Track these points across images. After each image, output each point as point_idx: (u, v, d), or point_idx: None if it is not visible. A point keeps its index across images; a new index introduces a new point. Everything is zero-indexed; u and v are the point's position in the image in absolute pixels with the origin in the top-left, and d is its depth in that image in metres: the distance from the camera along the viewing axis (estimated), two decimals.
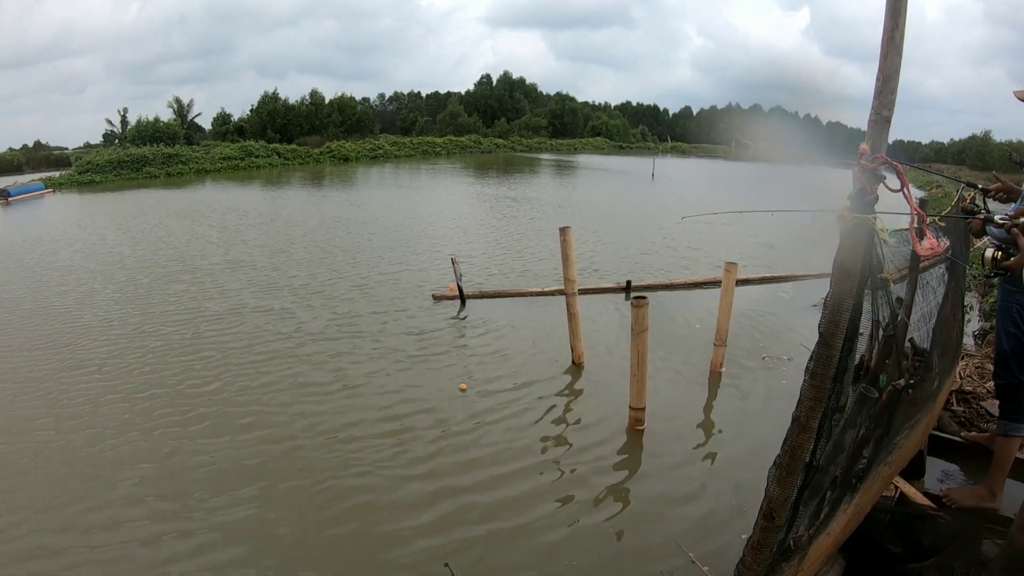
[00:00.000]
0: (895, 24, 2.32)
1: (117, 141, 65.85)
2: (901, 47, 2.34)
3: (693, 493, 6.40)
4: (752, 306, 12.47)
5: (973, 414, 6.79)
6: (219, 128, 75.21)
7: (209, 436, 7.48)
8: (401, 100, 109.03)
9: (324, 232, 21.30)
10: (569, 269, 9.24)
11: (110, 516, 5.99)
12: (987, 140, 76.40)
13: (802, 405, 2.73)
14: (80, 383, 8.97)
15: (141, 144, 53.44)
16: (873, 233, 2.57)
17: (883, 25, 2.34)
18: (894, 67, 2.35)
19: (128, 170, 44.50)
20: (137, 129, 61.16)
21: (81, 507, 6.12)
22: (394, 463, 6.90)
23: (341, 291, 13.81)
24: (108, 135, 71.27)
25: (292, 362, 9.73)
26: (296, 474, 6.67)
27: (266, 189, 36.84)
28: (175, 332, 11.09)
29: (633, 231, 21.84)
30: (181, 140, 60.50)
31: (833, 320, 2.57)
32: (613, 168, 57.67)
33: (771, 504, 2.83)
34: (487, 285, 14.17)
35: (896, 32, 2.32)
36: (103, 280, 14.86)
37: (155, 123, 62.38)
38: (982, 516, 4.66)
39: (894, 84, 2.37)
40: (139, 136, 58.60)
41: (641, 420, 7.60)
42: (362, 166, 56.21)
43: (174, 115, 71.44)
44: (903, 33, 2.32)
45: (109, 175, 43.13)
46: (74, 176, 42.53)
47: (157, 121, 63.14)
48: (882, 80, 2.37)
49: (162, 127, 61.81)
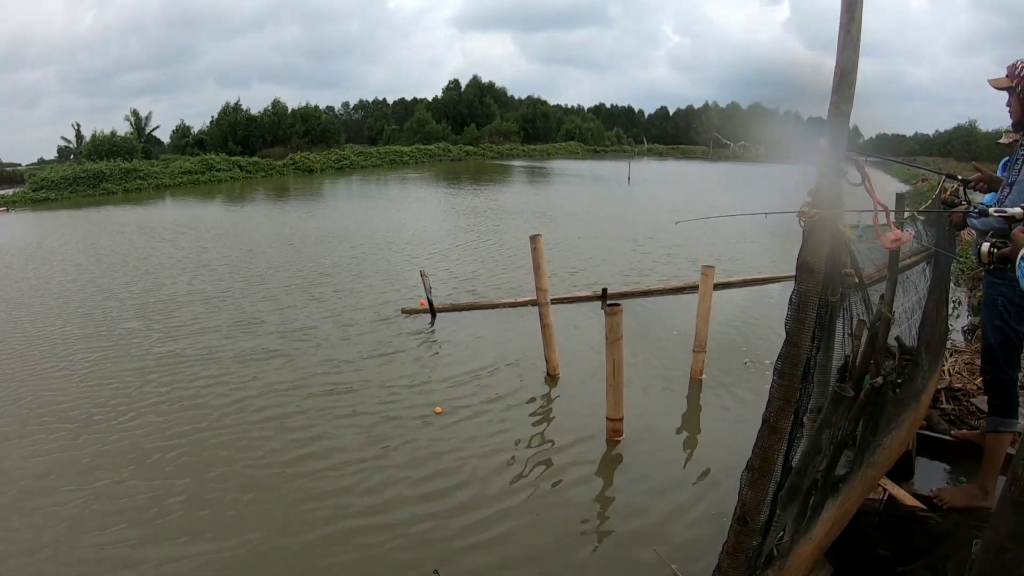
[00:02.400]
0: (851, 17, 2.36)
1: (72, 156, 65.36)
2: (858, 40, 2.38)
3: (673, 503, 6.42)
4: (735, 310, 12.56)
5: (963, 411, 6.84)
6: (178, 141, 74.90)
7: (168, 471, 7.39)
8: (367, 108, 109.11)
9: (287, 247, 21.24)
10: (541, 278, 9.20)
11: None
12: (973, 130, 76.73)
13: (771, 405, 2.77)
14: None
15: (97, 159, 53.13)
16: (836, 230, 2.61)
17: (839, 18, 2.39)
18: (851, 60, 2.40)
19: (84, 186, 44.15)
20: (93, 144, 61.00)
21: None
22: (365, 482, 6.89)
23: (303, 305, 13.76)
24: (63, 150, 71.12)
25: (245, 387, 9.55)
26: (270, 501, 6.62)
27: (228, 205, 36.61)
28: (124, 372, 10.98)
29: (609, 238, 21.92)
30: (139, 154, 60.21)
31: (799, 318, 2.61)
32: (587, 174, 57.81)
33: (744, 508, 2.86)
34: (458, 297, 14.16)
35: (852, 25, 2.36)
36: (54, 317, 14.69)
37: (112, 137, 62.25)
38: (975, 515, 4.61)
39: (852, 77, 2.42)
40: (95, 151, 58.35)
41: (619, 430, 7.61)
42: (328, 178, 56.00)
43: (131, 128, 71.44)
44: (860, 26, 2.36)
45: (65, 192, 42.80)
46: (28, 193, 42.18)
47: (114, 135, 63.08)
48: (839, 74, 2.41)
49: (119, 141, 61.66)
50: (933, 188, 8.85)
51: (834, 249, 2.77)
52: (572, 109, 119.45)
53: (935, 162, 56.78)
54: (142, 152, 63.12)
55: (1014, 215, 3.78)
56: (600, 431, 7.76)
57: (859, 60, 2.41)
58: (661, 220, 24.27)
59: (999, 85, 4.51)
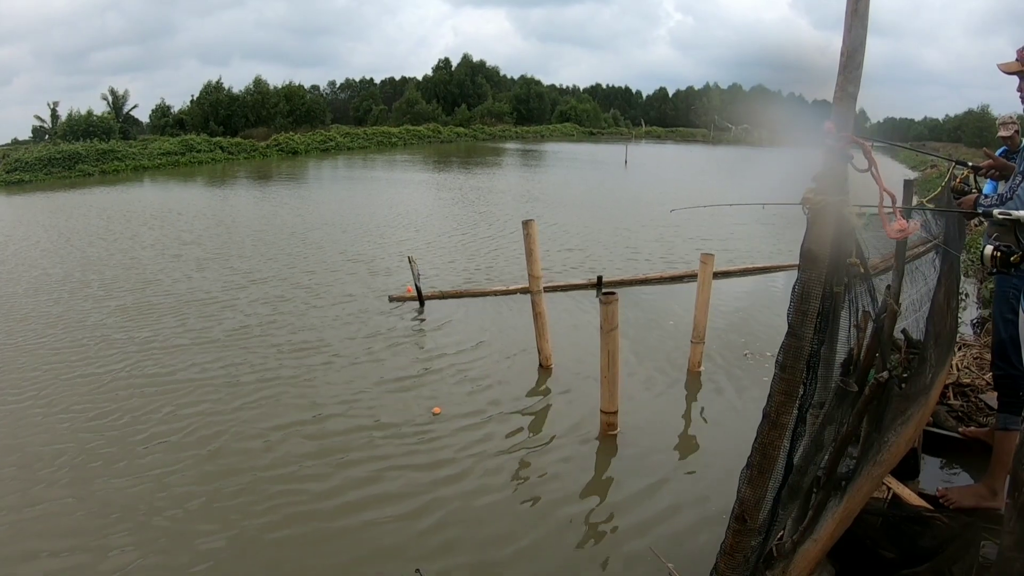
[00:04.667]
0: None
1: (47, 137, 65.03)
2: (866, 19, 2.36)
3: (669, 499, 6.41)
4: (735, 299, 12.56)
5: (972, 408, 6.82)
6: (157, 121, 74.42)
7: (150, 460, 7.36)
8: (354, 88, 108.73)
9: (271, 230, 21.12)
10: (533, 265, 9.16)
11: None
12: (985, 115, 76.28)
13: (772, 400, 2.76)
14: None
15: (73, 140, 52.53)
16: (842, 217, 2.59)
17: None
18: (859, 40, 2.37)
19: (60, 168, 43.70)
20: (69, 124, 60.65)
21: None
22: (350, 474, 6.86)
23: (287, 292, 13.70)
24: (38, 130, 70.48)
25: (227, 383, 9.35)
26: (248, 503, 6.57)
27: (210, 187, 36.43)
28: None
29: (606, 223, 21.91)
30: (116, 135, 59.69)
31: (801, 310, 2.60)
32: (583, 157, 57.75)
33: (743, 506, 2.85)
34: (448, 284, 14.12)
35: (860, 3, 2.34)
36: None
37: (88, 117, 61.86)
38: (983, 516, 4.64)
39: (859, 58, 2.39)
40: (71, 131, 57.89)
41: (614, 424, 7.58)
42: (312, 159, 55.57)
43: (108, 108, 70.76)
44: (867, 4, 2.34)
45: (40, 174, 42.35)
46: (1, 175, 41.86)
47: (90, 115, 62.66)
48: (846, 55, 2.39)
49: (96, 121, 61.20)
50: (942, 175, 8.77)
51: (839, 237, 2.74)
52: (567, 89, 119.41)
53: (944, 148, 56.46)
54: (120, 133, 62.58)
55: (1019, 218, 3.77)
56: (594, 425, 7.74)
57: (868, 40, 2.39)
58: (661, 205, 24.21)
59: (1009, 70, 4.41)
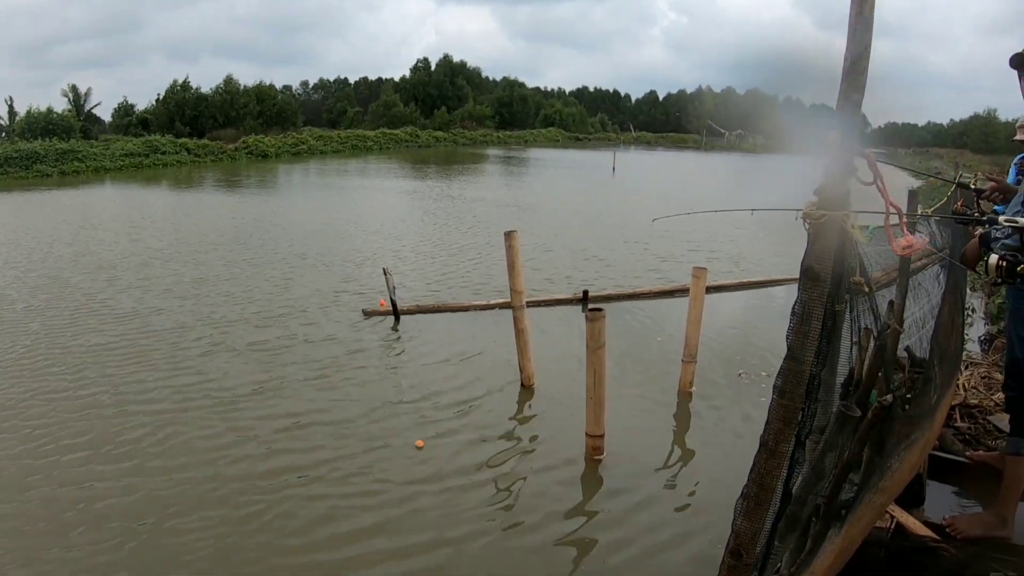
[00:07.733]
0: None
1: (4, 135, 64.67)
2: (871, 22, 2.34)
3: (659, 531, 6.37)
4: (729, 315, 12.54)
5: (980, 430, 6.77)
6: (120, 120, 74.17)
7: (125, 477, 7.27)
8: (328, 88, 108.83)
9: (237, 240, 20.95)
10: (515, 279, 9.11)
11: None
12: (991, 119, 76.39)
13: (770, 427, 2.70)
14: None
15: (31, 138, 52.20)
16: (845, 234, 2.55)
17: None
18: (864, 44, 2.35)
19: (16, 168, 43.36)
20: (27, 121, 60.24)
21: None
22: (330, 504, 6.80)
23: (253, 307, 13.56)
24: None
25: (179, 410, 8.97)
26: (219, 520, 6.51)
27: (174, 191, 36.36)
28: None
29: (592, 234, 21.97)
30: (77, 134, 59.34)
31: (802, 331, 2.56)
32: (568, 163, 57.91)
33: (738, 540, 2.81)
34: (424, 298, 14.06)
35: (865, 6, 2.32)
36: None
37: (48, 114, 61.48)
38: (992, 547, 4.63)
39: (864, 64, 2.37)
40: (29, 129, 57.41)
41: (599, 448, 7.53)
42: (283, 163, 55.51)
43: (69, 105, 70.44)
44: (873, 6, 2.32)
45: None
46: None
47: (50, 112, 62.27)
48: (851, 60, 2.37)
49: (56, 119, 60.85)
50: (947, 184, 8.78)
51: (842, 254, 2.71)
52: (552, 92, 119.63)
53: (949, 154, 56.66)
54: (81, 132, 62.22)
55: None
56: (579, 449, 7.67)
57: (873, 42, 2.37)
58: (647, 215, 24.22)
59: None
